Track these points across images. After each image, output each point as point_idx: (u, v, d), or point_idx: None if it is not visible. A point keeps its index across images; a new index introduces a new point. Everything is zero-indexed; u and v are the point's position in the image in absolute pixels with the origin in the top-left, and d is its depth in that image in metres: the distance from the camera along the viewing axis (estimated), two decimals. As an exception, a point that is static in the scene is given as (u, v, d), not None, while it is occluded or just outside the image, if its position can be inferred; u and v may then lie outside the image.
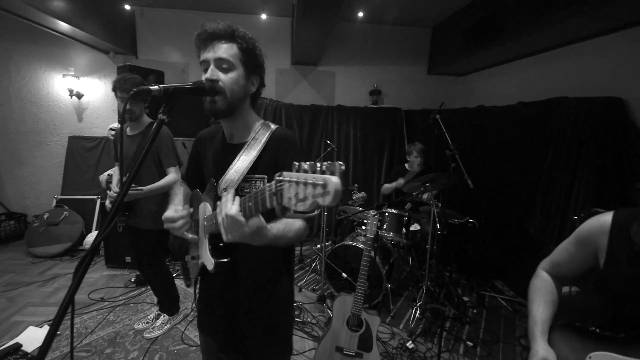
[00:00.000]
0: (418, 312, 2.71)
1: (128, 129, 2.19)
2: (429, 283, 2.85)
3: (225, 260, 0.97)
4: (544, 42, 2.89)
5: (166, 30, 4.15)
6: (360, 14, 3.74)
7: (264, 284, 1.08)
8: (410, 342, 2.41)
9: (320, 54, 4.10)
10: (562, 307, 1.08)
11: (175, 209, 1.01)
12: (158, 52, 4.18)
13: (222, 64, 0.95)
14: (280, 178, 0.61)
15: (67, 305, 0.69)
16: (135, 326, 2.49)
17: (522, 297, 3.09)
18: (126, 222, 2.26)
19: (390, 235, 2.79)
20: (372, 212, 2.16)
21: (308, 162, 0.60)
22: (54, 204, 4.00)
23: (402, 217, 2.79)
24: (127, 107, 2.02)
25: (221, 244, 1.00)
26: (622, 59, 2.45)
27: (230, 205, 0.74)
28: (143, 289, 3.06)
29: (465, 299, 2.99)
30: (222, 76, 0.95)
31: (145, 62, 4.00)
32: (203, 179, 1.16)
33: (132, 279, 3.15)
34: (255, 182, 1.00)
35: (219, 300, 1.11)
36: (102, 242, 3.33)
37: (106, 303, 2.81)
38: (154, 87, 0.80)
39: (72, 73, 3.93)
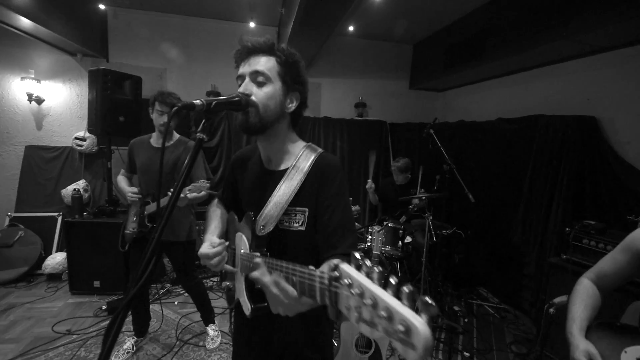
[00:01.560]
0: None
1: (153, 140, 2.22)
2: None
3: (264, 305, 0.86)
4: (522, 62, 3.11)
5: (142, 33, 3.90)
6: (351, 28, 3.79)
7: (302, 322, 0.98)
8: (411, 357, 2.39)
9: (308, 65, 4.08)
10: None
11: (212, 243, 0.91)
12: (132, 56, 3.90)
13: (258, 77, 0.89)
14: (337, 275, 0.48)
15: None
16: (113, 359, 2.23)
17: (507, 303, 3.23)
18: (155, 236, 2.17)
19: (387, 248, 2.79)
20: (376, 228, 2.15)
21: (379, 271, 0.44)
22: (6, 222, 3.51)
23: (397, 230, 2.81)
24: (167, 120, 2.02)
25: (258, 286, 0.91)
26: (595, 81, 2.70)
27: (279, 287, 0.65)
28: (117, 316, 2.77)
29: (456, 308, 3.06)
30: (255, 90, 0.88)
31: (117, 66, 3.70)
32: (239, 201, 1.08)
33: (104, 307, 2.83)
34: (296, 215, 0.91)
35: (257, 337, 1.02)
36: (67, 265, 3.03)
37: (74, 336, 2.49)
38: (197, 102, 0.73)
39: (32, 76, 3.53)
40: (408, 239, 3.10)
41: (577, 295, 1.10)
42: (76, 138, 3.68)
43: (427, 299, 0.37)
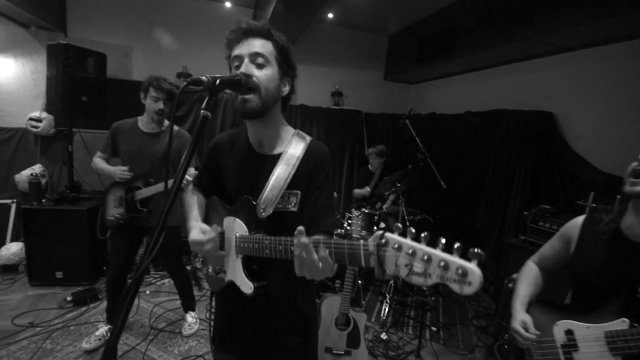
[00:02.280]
0: (387, 305, 2.88)
1: (142, 125, 2.15)
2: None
3: (265, 283, 0.93)
4: (489, 59, 3.31)
5: (105, 6, 3.61)
6: (331, 15, 3.77)
7: (293, 301, 1.04)
8: (384, 333, 2.55)
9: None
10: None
11: (202, 230, 0.92)
12: (94, 32, 3.60)
13: (257, 59, 0.90)
14: (384, 241, 0.58)
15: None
16: (84, 345, 2.16)
17: (469, 283, 3.50)
18: (144, 224, 2.18)
19: (364, 233, 2.90)
20: (355, 213, 2.23)
21: (424, 235, 0.55)
22: (-51, 210, 3.17)
23: (373, 216, 2.93)
24: (162, 106, 2.05)
25: (255, 266, 0.95)
26: (554, 79, 2.95)
27: (315, 255, 0.70)
28: (84, 308, 2.65)
29: (424, 288, 3.27)
30: (256, 72, 0.89)
31: (76, 41, 3.38)
32: (221, 187, 1.07)
33: (68, 298, 2.69)
34: (289, 198, 0.95)
35: (246, 319, 1.04)
36: (25, 255, 2.82)
37: (38, 329, 2.36)
38: (204, 78, 0.72)
39: (-24, 48, 3.16)
40: (382, 225, 3.24)
41: (523, 276, 1.27)
42: (31, 119, 3.36)
43: (477, 249, 0.49)
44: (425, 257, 0.53)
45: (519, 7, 2.70)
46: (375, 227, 2.98)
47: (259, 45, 0.90)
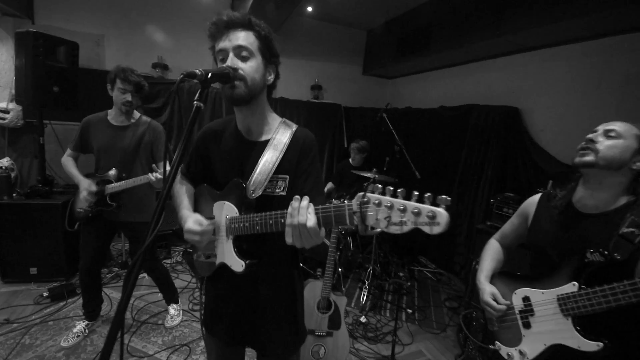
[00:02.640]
0: (366, 290, 3.02)
1: (111, 118, 2.11)
2: (372, 264, 3.20)
3: (256, 261, 0.99)
4: (461, 56, 3.48)
5: (75, -8, 3.46)
6: (310, 9, 3.80)
7: (280, 279, 1.11)
8: (363, 316, 2.69)
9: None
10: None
11: (198, 221, 0.98)
12: (63, 19, 3.45)
13: (242, 52, 0.94)
14: (366, 200, 0.67)
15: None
16: (63, 344, 2.15)
17: (442, 268, 3.72)
18: (114, 218, 2.16)
19: (343, 222, 3.01)
20: (335, 202, 2.32)
21: (400, 191, 0.64)
22: None
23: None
24: (130, 99, 2.02)
25: (245, 246, 1.01)
26: (519, 76, 3.15)
27: (308, 217, 0.77)
28: (62, 303, 2.61)
29: (400, 274, 3.45)
30: (241, 64, 0.94)
31: (44, 28, 3.20)
32: (209, 175, 1.12)
33: (45, 294, 2.64)
34: (278, 182, 1.02)
35: (236, 298, 1.10)
36: None
37: (15, 325, 2.31)
38: (197, 72, 0.78)
39: None
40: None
41: (486, 252, 1.38)
42: (-4, 110, 3.21)
43: (444, 196, 0.59)
44: (402, 207, 0.62)
45: (488, 8, 2.86)
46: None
47: (242, 37, 0.94)
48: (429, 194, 0.61)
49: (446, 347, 2.47)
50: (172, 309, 2.55)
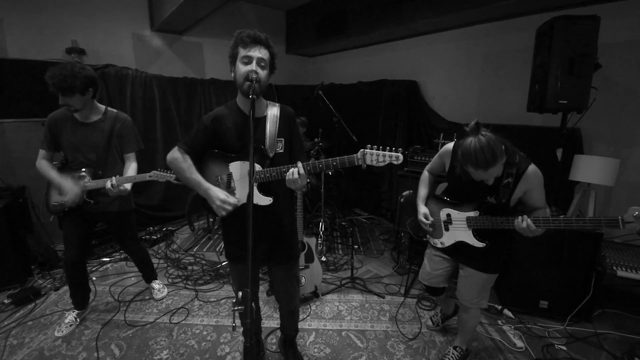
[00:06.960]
0: (321, 239, 3.69)
1: (78, 116, 2.08)
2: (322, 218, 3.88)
3: (274, 197, 1.48)
4: (373, 38, 4.18)
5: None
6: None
7: (285, 210, 1.64)
8: (323, 256, 3.37)
9: (192, 25, 4.04)
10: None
11: (225, 194, 1.42)
12: None
13: (262, 63, 1.40)
14: (366, 151, 1.28)
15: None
16: (57, 334, 2.24)
17: (373, 214, 4.65)
18: (93, 210, 2.20)
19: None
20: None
21: (383, 148, 1.27)
22: None
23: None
24: (67, 102, 1.94)
25: (265, 189, 1.47)
26: (417, 55, 4.04)
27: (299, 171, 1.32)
28: (30, 305, 2.56)
29: (343, 223, 4.23)
30: (260, 71, 1.39)
31: None
32: (222, 145, 1.51)
33: (6, 301, 2.53)
34: (278, 143, 1.51)
35: (257, 228, 1.51)
36: None
37: (-10, 333, 2.24)
38: (254, 75, 1.34)
39: None
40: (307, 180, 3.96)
41: (421, 182, 1.95)
42: None
43: (400, 149, 1.24)
44: (383, 154, 1.26)
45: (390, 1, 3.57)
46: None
47: (264, 53, 1.39)
48: (400, 149, 1.27)
49: (385, 264, 3.35)
50: (156, 284, 2.75)
